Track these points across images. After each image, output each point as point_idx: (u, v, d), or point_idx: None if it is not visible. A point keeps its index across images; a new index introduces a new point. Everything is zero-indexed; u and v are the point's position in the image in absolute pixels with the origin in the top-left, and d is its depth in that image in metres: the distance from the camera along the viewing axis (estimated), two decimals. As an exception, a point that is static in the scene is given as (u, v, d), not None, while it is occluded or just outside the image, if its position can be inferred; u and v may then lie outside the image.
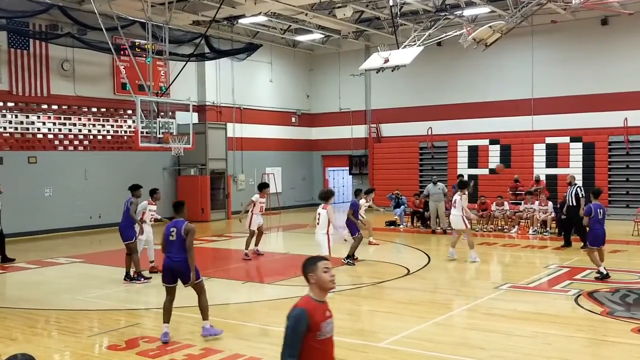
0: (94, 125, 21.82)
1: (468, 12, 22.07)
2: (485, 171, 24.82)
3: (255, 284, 11.89)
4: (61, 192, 20.42)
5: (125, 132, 22.62)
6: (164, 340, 7.95)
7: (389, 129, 28.27)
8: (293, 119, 29.86)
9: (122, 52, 20.06)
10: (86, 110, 21.60)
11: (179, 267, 8.03)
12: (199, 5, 20.58)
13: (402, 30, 23.28)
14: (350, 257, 13.64)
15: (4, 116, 19.45)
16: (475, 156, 25.23)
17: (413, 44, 20.36)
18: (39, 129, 20.33)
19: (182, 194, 24.35)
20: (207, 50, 23.42)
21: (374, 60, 19.73)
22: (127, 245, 11.97)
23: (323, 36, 26.49)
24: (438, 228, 19.28)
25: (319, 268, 4.19)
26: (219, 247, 17.60)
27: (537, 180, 20.59)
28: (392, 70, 19.62)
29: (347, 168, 29.91)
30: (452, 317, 9.05)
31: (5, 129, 19.49)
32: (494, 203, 19.65)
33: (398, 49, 19.78)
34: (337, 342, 7.82)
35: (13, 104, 19.70)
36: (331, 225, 11.58)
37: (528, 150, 24.03)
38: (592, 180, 22.75)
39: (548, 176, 22.85)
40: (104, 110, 22.13)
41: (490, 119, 25.23)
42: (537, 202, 18.86)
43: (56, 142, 20.77)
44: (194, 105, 20.84)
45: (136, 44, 20.40)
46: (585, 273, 12.45)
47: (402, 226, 20.89)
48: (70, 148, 21.17)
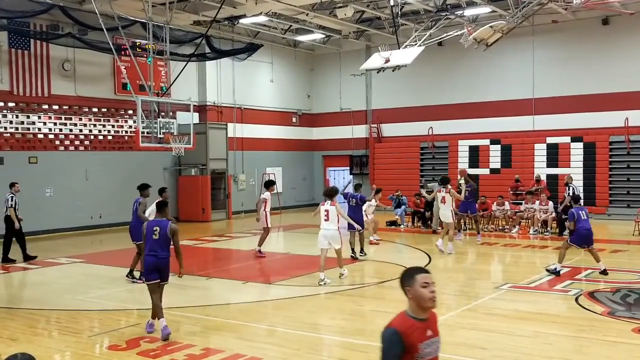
0: (94, 126, 21.83)
1: (469, 12, 22.07)
2: (486, 171, 24.82)
3: (256, 284, 11.90)
4: (62, 192, 20.43)
5: (126, 132, 22.63)
6: (167, 332, 8.01)
7: (390, 129, 28.27)
8: (294, 119, 29.87)
9: (122, 52, 20.06)
10: (87, 110, 21.61)
11: (163, 264, 8.30)
12: (200, 5, 20.59)
13: (403, 30, 23.29)
14: (363, 250, 14.49)
15: (4, 116, 19.47)
16: (476, 156, 25.23)
17: (414, 43, 20.37)
18: (39, 129, 20.35)
19: (182, 194, 24.38)
20: (207, 50, 23.42)
21: (375, 60, 19.72)
22: (137, 245, 12.02)
23: (324, 36, 26.49)
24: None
25: (417, 282, 3.66)
26: (219, 247, 17.60)
27: (538, 180, 20.58)
28: (392, 70, 19.62)
29: (348, 168, 29.90)
30: (452, 317, 9.05)
31: (6, 129, 19.51)
32: (495, 203, 19.65)
33: (399, 48, 19.78)
34: (338, 342, 7.88)
35: (14, 104, 19.72)
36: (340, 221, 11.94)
37: (529, 150, 24.02)
38: (593, 180, 22.79)
39: (549, 176, 22.84)
40: (105, 110, 22.14)
41: (491, 118, 25.23)
42: (537, 202, 18.86)
43: (57, 142, 20.79)
44: (194, 105, 20.86)
45: (137, 44, 20.39)
46: (586, 273, 12.46)
47: (402, 226, 20.89)
48: (71, 148, 21.18)
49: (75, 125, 21.27)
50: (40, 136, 20.38)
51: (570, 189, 16.87)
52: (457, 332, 8.23)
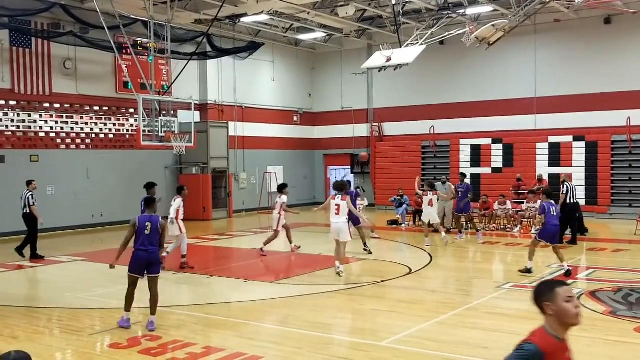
0: (96, 124, 21.84)
1: (471, 11, 22.05)
2: (488, 170, 24.81)
3: (257, 283, 11.90)
4: (63, 191, 20.44)
5: (128, 130, 22.65)
6: (126, 326, 8.50)
7: (391, 128, 28.26)
8: (295, 118, 29.86)
9: (124, 51, 20.07)
10: (88, 108, 21.63)
11: (153, 258, 8.65)
12: (201, 4, 20.59)
13: (405, 29, 23.26)
14: (366, 245, 14.94)
15: (6, 115, 19.49)
16: (478, 155, 25.21)
17: (415, 42, 20.34)
18: (41, 128, 20.36)
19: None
20: (209, 49, 23.43)
21: (376, 59, 19.70)
22: None
23: (325, 35, 26.47)
24: (442, 227, 19.22)
25: (560, 296, 3.32)
26: (220, 246, 17.61)
27: (540, 180, 20.57)
28: (394, 69, 19.60)
29: (349, 167, 29.89)
30: (454, 316, 9.05)
31: (7, 127, 19.52)
32: (497, 202, 19.64)
33: (400, 47, 19.75)
34: (339, 341, 7.88)
35: (15, 103, 19.72)
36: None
37: (531, 149, 24.01)
38: (595, 180, 22.78)
39: (551, 175, 22.80)
40: (106, 108, 22.16)
41: (493, 117, 25.22)
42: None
43: (58, 141, 20.80)
44: (195, 104, 20.85)
45: (138, 42, 20.41)
46: (588, 272, 12.46)
47: (404, 225, 20.89)
48: (73, 147, 21.20)
49: (76, 123, 21.29)
50: (42, 135, 20.40)
51: (565, 187, 16.95)
52: (459, 332, 8.23)
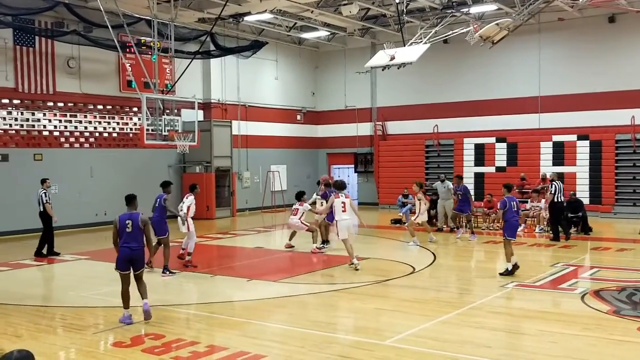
0: (99, 123, 21.88)
1: (475, 10, 22.01)
2: (492, 169, 24.77)
3: (260, 282, 11.90)
4: (67, 190, 20.47)
5: (131, 129, 22.68)
6: (129, 322, 8.64)
7: (395, 127, 28.24)
8: (298, 117, 29.86)
9: (127, 50, 20.09)
10: (92, 107, 21.66)
11: (136, 255, 8.80)
12: (205, 3, 20.60)
13: (409, 27, 23.18)
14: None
15: (9, 113, 19.53)
16: (481, 154, 25.18)
17: (419, 41, 20.29)
18: (44, 126, 20.40)
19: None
20: (212, 47, 23.45)
21: (380, 57, 19.68)
22: (160, 240, 12.47)
23: (329, 34, 26.46)
24: (445, 226, 19.24)
25: None
26: (224, 245, 17.63)
27: (544, 179, 20.53)
28: (398, 68, 19.56)
29: (353, 166, 29.89)
30: (458, 315, 9.03)
31: (11, 126, 19.56)
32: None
33: (404, 46, 19.72)
34: (342, 340, 7.88)
35: (19, 101, 19.77)
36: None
37: (535, 149, 23.97)
38: (599, 179, 22.74)
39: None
40: (110, 107, 22.19)
41: (497, 116, 25.18)
42: (543, 201, 18.80)
43: (62, 140, 20.84)
44: (199, 103, 20.89)
45: (142, 41, 20.39)
46: (593, 271, 12.42)
47: (407, 224, 20.83)
48: (76, 145, 21.23)
49: (80, 122, 21.32)
50: (45, 133, 20.43)
51: (553, 186, 17.02)
52: (463, 331, 8.22)
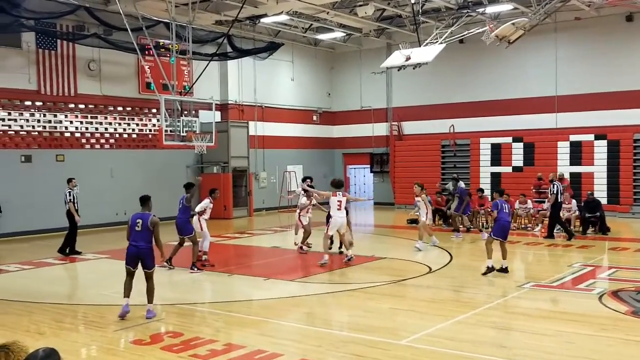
0: (119, 124, 22.08)
1: (491, 9, 21.88)
2: (508, 169, 24.61)
3: (277, 281, 11.94)
4: (88, 190, 20.62)
5: (150, 130, 22.85)
6: (125, 310, 8.93)
7: (411, 127, 28.16)
8: (314, 117, 29.88)
9: (146, 52, 20.26)
10: (112, 109, 21.86)
11: (143, 253, 9.00)
12: (222, 5, 20.71)
13: (424, 27, 23.12)
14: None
15: (32, 115, 19.78)
16: (498, 154, 25.02)
17: (435, 41, 20.23)
18: (66, 128, 20.63)
19: (205, 191, 24.44)
20: (229, 49, 23.55)
21: (396, 58, 19.64)
22: (188, 239, 12.88)
23: (344, 34, 26.46)
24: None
25: None
26: (241, 244, 17.70)
27: (561, 179, 20.33)
28: (413, 68, 19.52)
29: (369, 166, 29.86)
30: (474, 315, 8.99)
31: (33, 127, 19.81)
32: (517, 201, 19.46)
33: (420, 46, 19.67)
34: (357, 339, 7.88)
35: (41, 103, 20.01)
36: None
37: (552, 148, 23.77)
38: (617, 179, 22.48)
39: (572, 174, 22.59)
40: (130, 109, 22.38)
41: (513, 116, 25.01)
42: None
43: (83, 141, 21.06)
44: (216, 104, 20.96)
45: (160, 44, 20.58)
46: (611, 272, 12.30)
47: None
48: (97, 146, 21.45)
49: (100, 124, 21.54)
50: (67, 135, 20.66)
51: (555, 186, 16.90)
52: (479, 331, 8.18)
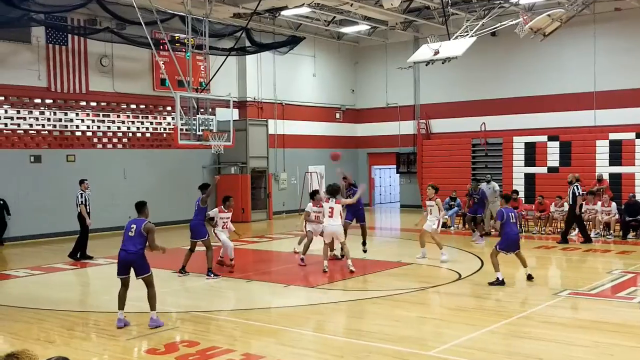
0: (132, 123, 22.30)
1: (525, 0, 21.70)
2: (543, 170, 24.36)
3: (298, 288, 11.96)
4: (100, 191, 20.85)
5: (165, 129, 23.05)
6: (119, 325, 9.02)
7: (439, 125, 28.03)
8: (337, 115, 29.89)
9: (161, 47, 20.42)
10: (125, 107, 22.09)
11: (133, 259, 9.19)
12: (240, -3, 20.79)
13: (454, 20, 23.05)
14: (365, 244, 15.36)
15: (42, 113, 20.06)
16: (532, 154, 24.79)
17: (465, 34, 20.13)
18: (77, 127, 20.88)
19: (222, 193, 24.55)
20: (248, 43, 23.64)
21: (423, 52, 19.58)
22: (202, 242, 12.97)
23: (369, 27, 26.42)
24: (492, 230, 19.02)
25: None
26: (260, 249, 17.75)
27: (600, 180, 20.11)
28: (442, 63, 19.44)
29: (395, 166, 29.78)
30: (506, 325, 8.93)
31: (43, 126, 20.09)
32: (553, 204, 19.29)
33: (449, 39, 19.58)
34: (383, 350, 7.87)
35: (51, 101, 20.29)
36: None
37: (590, 147, 23.48)
38: (660, 180, 22.15)
39: (611, 175, 22.28)
40: (143, 106, 22.60)
41: (548, 113, 24.77)
42: (599, 203, 18.46)
43: (95, 140, 21.30)
44: (234, 101, 21.08)
45: (175, 38, 20.72)
46: (653, 280, 12.13)
47: (452, 228, 20.70)
48: (109, 146, 21.68)
49: (113, 122, 21.77)
50: (78, 134, 20.92)
51: (572, 188, 17.00)
52: (512, 342, 8.12)
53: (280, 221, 24.94)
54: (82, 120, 21.00)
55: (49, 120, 20.22)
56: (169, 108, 22.75)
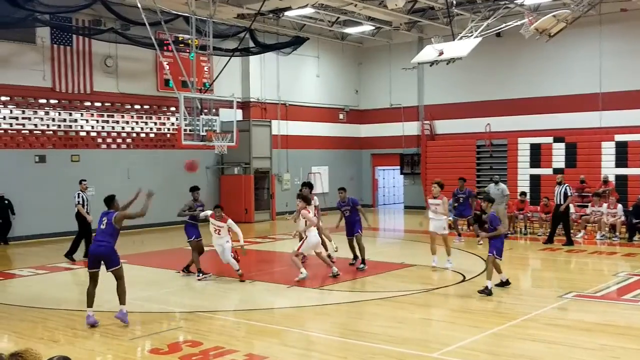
0: (136, 123, 22.37)
1: (530, 1, 21.67)
2: (549, 171, 24.31)
3: (301, 289, 11.96)
4: (104, 192, 20.64)
5: (168, 129, 23.11)
6: (90, 322, 9.12)
7: (444, 126, 28.00)
8: (341, 116, 29.89)
9: (165, 48, 20.46)
10: (129, 107, 22.15)
11: (104, 251, 9.29)
12: (244, -2, 20.82)
13: (458, 20, 23.00)
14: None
15: (47, 114, 20.13)
16: (537, 155, 24.74)
17: (470, 35, 20.10)
18: (81, 127, 20.95)
19: (225, 193, 24.70)
20: (251, 44, 23.67)
21: (428, 52, 19.57)
22: (188, 243, 13.17)
23: (373, 28, 26.42)
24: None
25: None
26: (263, 250, 17.77)
27: (606, 182, 20.07)
28: (447, 63, 19.42)
29: (398, 167, 29.76)
30: (511, 327, 8.91)
31: (48, 126, 20.16)
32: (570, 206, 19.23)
33: (453, 40, 19.56)
34: (387, 351, 7.87)
35: (56, 101, 20.35)
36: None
37: (595, 149, 23.43)
38: (666, 182, 22.08)
39: (617, 177, 22.22)
40: (147, 107, 22.66)
41: (554, 114, 24.71)
42: (605, 205, 18.40)
43: (99, 140, 21.37)
44: (237, 102, 21.11)
45: (179, 39, 20.78)
46: (659, 282, 12.09)
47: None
48: (113, 146, 21.74)
49: (117, 122, 21.83)
50: (83, 134, 20.98)
51: (563, 187, 17.16)
52: (516, 344, 8.10)
53: (283, 222, 24.91)
54: (87, 121, 21.07)
55: (53, 120, 20.29)
56: (172, 108, 22.78)
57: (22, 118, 19.62)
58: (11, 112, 19.43)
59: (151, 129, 22.78)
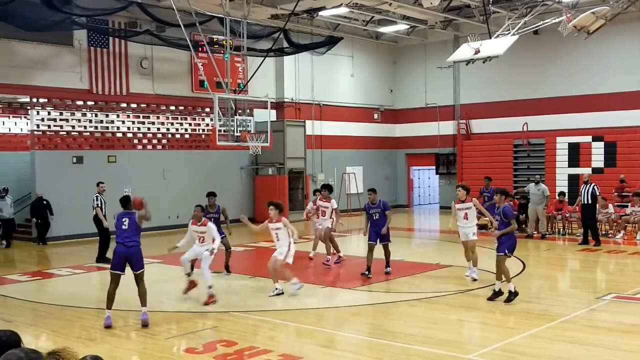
0: (172, 124, 22.65)
1: (568, -3, 21.33)
2: (587, 171, 23.86)
3: (335, 289, 11.98)
4: (140, 192, 21.02)
5: (203, 130, 23.33)
6: (107, 324, 9.10)
7: (480, 125, 27.73)
8: (375, 116, 29.82)
9: (200, 49, 20.70)
10: (164, 108, 22.44)
11: (132, 252, 9.28)
12: (278, -2, 20.92)
13: (495, 18, 22.76)
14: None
15: (84, 115, 20.52)
16: (576, 154, 24.36)
17: (507, 32, 19.86)
18: (118, 128, 21.30)
19: (259, 193, 24.83)
20: (285, 44, 23.78)
21: (464, 51, 19.40)
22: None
23: (408, 27, 26.29)
24: (535, 232, 18.77)
25: None
26: (297, 250, 17.76)
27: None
28: (483, 62, 19.22)
29: (434, 167, 29.57)
30: (549, 329, 8.80)
31: (85, 128, 20.55)
32: (597, 206, 18.89)
33: (490, 38, 19.36)
34: (421, 352, 7.84)
35: (93, 103, 20.74)
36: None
37: (636, 148, 22.98)
38: None
39: (659, 176, 21.75)
40: (182, 108, 22.92)
41: (593, 113, 24.29)
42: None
43: (135, 141, 21.70)
44: (272, 102, 21.23)
45: (214, 40, 20.99)
46: (703, 284, 11.80)
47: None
48: (149, 147, 22.05)
49: (152, 123, 22.14)
50: (119, 135, 21.33)
51: (591, 186, 16.95)
52: (555, 346, 8.00)
53: (318, 222, 24.94)
54: (123, 122, 21.42)
55: (90, 121, 20.67)
56: (207, 109, 23.01)
57: (60, 120, 20.05)
58: (49, 113, 19.87)
59: (186, 129, 23.04)
